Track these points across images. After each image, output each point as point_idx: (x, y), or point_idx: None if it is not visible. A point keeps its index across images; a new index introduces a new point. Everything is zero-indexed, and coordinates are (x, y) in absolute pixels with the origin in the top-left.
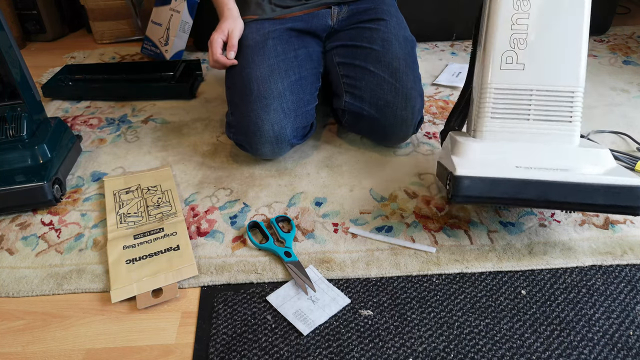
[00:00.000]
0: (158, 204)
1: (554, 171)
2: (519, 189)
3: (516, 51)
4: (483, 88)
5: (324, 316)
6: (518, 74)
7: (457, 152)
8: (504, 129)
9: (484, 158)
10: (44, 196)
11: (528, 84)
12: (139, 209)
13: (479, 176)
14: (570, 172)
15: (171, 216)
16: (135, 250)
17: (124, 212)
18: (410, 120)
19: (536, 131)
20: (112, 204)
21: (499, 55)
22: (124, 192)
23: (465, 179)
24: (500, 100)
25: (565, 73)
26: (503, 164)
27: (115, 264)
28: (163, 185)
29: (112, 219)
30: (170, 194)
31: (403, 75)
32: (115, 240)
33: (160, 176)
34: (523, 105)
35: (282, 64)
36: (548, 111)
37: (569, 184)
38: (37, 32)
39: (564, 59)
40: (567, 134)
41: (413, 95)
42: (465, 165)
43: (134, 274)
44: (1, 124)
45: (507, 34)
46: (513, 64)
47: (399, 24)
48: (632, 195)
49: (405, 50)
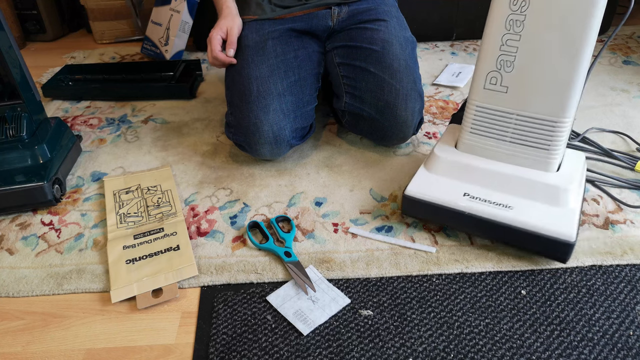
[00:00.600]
0: (158, 204)
1: (495, 208)
2: (456, 219)
3: (501, 73)
4: (468, 102)
5: (324, 316)
6: (500, 96)
7: (427, 162)
8: (482, 145)
9: (443, 175)
10: (44, 196)
11: (509, 108)
12: (139, 209)
13: (423, 200)
14: (509, 212)
15: (171, 216)
16: (135, 250)
17: (124, 212)
18: (410, 121)
19: (513, 153)
20: (112, 204)
21: (484, 74)
22: (124, 192)
23: (410, 200)
24: (480, 117)
25: (551, 105)
26: (453, 189)
27: (115, 264)
28: (163, 185)
29: (112, 219)
30: (170, 194)
31: (403, 77)
32: (115, 240)
33: (160, 176)
34: (502, 127)
35: (282, 65)
36: (527, 136)
37: (501, 224)
38: (37, 32)
39: (551, 90)
40: (543, 160)
41: (413, 96)
42: (418, 184)
43: (134, 274)
44: (1, 124)
45: (495, 54)
46: (497, 85)
47: (399, 25)
48: (559, 248)
49: (406, 51)
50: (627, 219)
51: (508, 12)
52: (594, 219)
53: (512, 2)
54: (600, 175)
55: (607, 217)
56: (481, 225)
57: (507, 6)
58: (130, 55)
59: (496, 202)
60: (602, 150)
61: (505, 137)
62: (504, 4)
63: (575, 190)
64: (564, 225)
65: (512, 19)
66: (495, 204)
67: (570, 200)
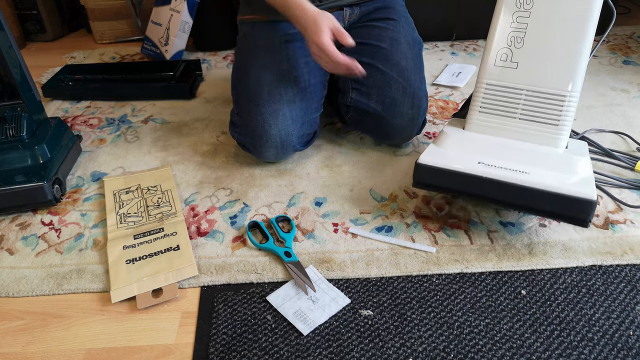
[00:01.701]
0: (158, 203)
1: (512, 172)
2: (472, 185)
3: (512, 49)
4: (477, 82)
5: (324, 316)
6: (510, 72)
7: (437, 140)
8: (491, 123)
9: (454, 149)
10: (44, 196)
11: (519, 83)
12: (139, 209)
13: (437, 167)
14: (526, 175)
15: (171, 216)
16: (135, 250)
17: (124, 212)
18: (417, 119)
19: (523, 130)
20: (112, 204)
21: (495, 52)
22: (124, 192)
23: (424, 167)
24: (490, 95)
25: (559, 77)
26: (467, 158)
27: (115, 264)
28: (163, 185)
29: (112, 219)
30: (170, 194)
31: (411, 75)
32: (115, 240)
33: (160, 176)
34: (512, 103)
35: (294, 71)
36: (536, 112)
37: (519, 186)
38: (37, 32)
39: (559, 62)
40: (552, 137)
41: (420, 95)
42: (431, 154)
43: (134, 274)
44: (1, 124)
45: (506, 31)
46: (507, 61)
47: (408, 25)
48: (581, 207)
49: (414, 51)
50: (627, 219)
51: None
52: (594, 219)
53: None
54: (600, 175)
55: (607, 217)
56: (500, 189)
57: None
58: (130, 55)
59: (512, 168)
60: (602, 150)
61: (515, 114)
62: None
63: (587, 161)
64: (584, 186)
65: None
66: (512, 170)
67: (585, 169)
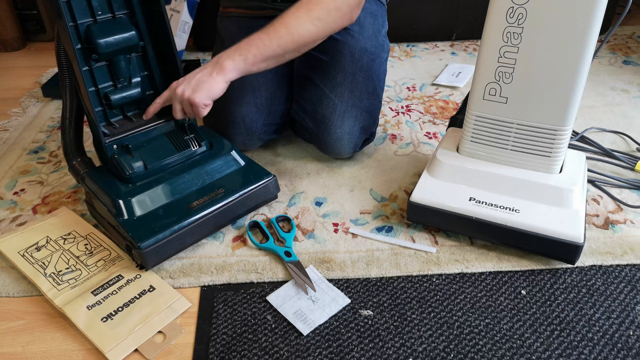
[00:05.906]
0: (90, 251)
1: (502, 212)
2: (463, 224)
3: (500, 84)
4: (467, 112)
5: (324, 316)
6: (500, 107)
7: (430, 167)
8: (483, 152)
9: (447, 180)
10: (277, 189)
11: (509, 118)
12: (70, 263)
13: (429, 206)
14: (516, 216)
15: (117, 260)
16: (104, 306)
17: (53, 272)
18: (347, 139)
19: (515, 160)
20: (28, 266)
21: (482, 86)
22: (33, 249)
23: (416, 206)
24: (481, 127)
25: (550, 113)
26: (459, 194)
27: (90, 328)
28: (79, 230)
29: (44, 283)
30: (96, 237)
31: (345, 91)
32: (70, 305)
33: (64, 222)
34: (503, 135)
35: None
36: (528, 144)
37: (509, 228)
38: (37, 32)
39: (551, 100)
40: (545, 165)
41: (353, 113)
42: (423, 190)
43: (120, 329)
44: (181, 134)
45: (493, 66)
46: (496, 96)
47: (361, 33)
48: (567, 250)
49: (358, 64)
50: (627, 219)
51: (505, 25)
52: (594, 219)
53: (509, 15)
54: (600, 175)
55: (607, 217)
56: (489, 229)
57: (504, 19)
58: None
59: (503, 205)
60: (602, 150)
61: (506, 146)
62: (500, 16)
63: (579, 191)
64: (572, 227)
65: (510, 32)
66: (502, 208)
67: (575, 201)
